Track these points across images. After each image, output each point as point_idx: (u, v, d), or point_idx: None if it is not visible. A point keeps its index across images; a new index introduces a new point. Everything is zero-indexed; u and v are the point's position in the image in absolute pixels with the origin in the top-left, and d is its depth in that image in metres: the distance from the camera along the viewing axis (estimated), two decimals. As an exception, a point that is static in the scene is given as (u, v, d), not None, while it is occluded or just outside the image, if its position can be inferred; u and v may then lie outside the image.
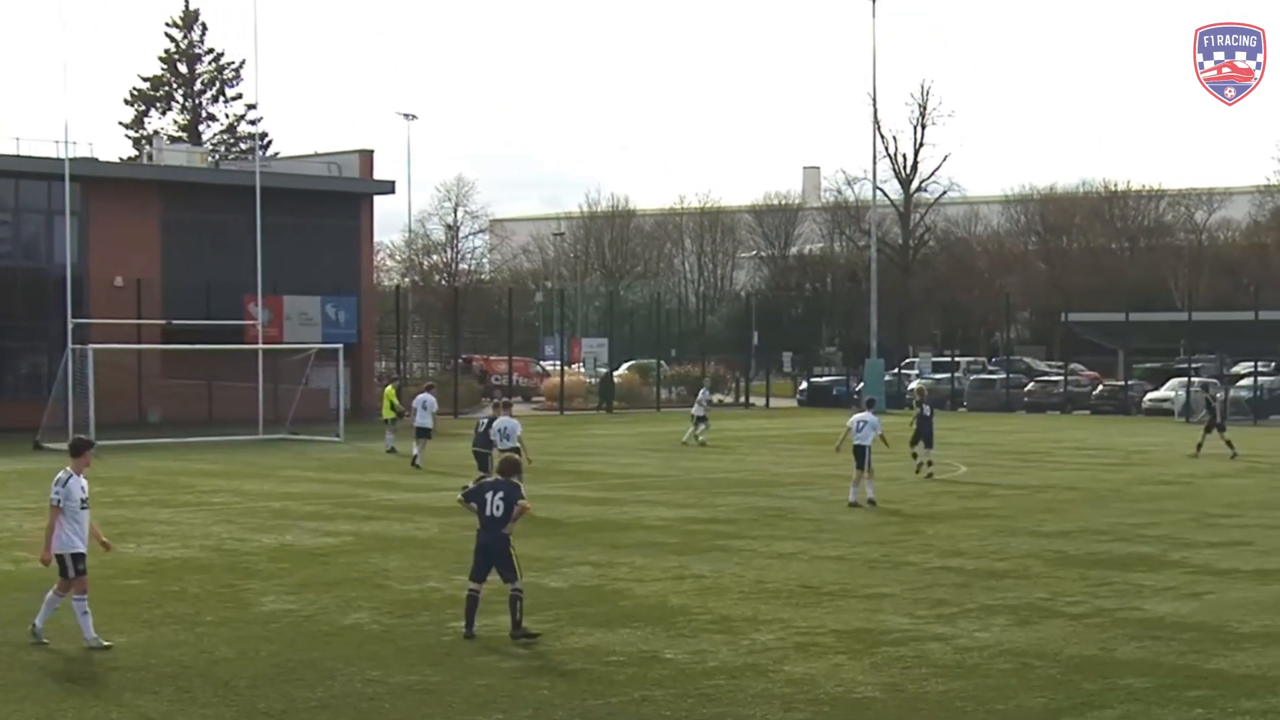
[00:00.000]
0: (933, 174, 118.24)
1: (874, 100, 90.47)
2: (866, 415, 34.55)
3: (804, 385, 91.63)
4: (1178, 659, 17.38)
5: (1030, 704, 15.31)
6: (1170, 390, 76.61)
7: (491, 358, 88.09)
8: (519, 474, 19.18)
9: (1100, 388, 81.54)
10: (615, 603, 20.95)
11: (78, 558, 17.76)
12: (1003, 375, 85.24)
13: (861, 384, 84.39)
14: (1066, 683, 16.21)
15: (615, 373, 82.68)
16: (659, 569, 23.91)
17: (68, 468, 17.98)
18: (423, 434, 43.94)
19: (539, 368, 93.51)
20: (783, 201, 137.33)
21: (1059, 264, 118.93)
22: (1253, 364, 78.10)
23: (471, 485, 19.90)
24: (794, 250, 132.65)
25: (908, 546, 26.66)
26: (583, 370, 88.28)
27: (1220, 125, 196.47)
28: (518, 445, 32.20)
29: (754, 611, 20.09)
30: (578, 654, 17.65)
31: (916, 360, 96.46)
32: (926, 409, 41.10)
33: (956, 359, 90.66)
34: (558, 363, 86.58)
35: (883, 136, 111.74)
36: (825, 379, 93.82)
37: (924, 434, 40.32)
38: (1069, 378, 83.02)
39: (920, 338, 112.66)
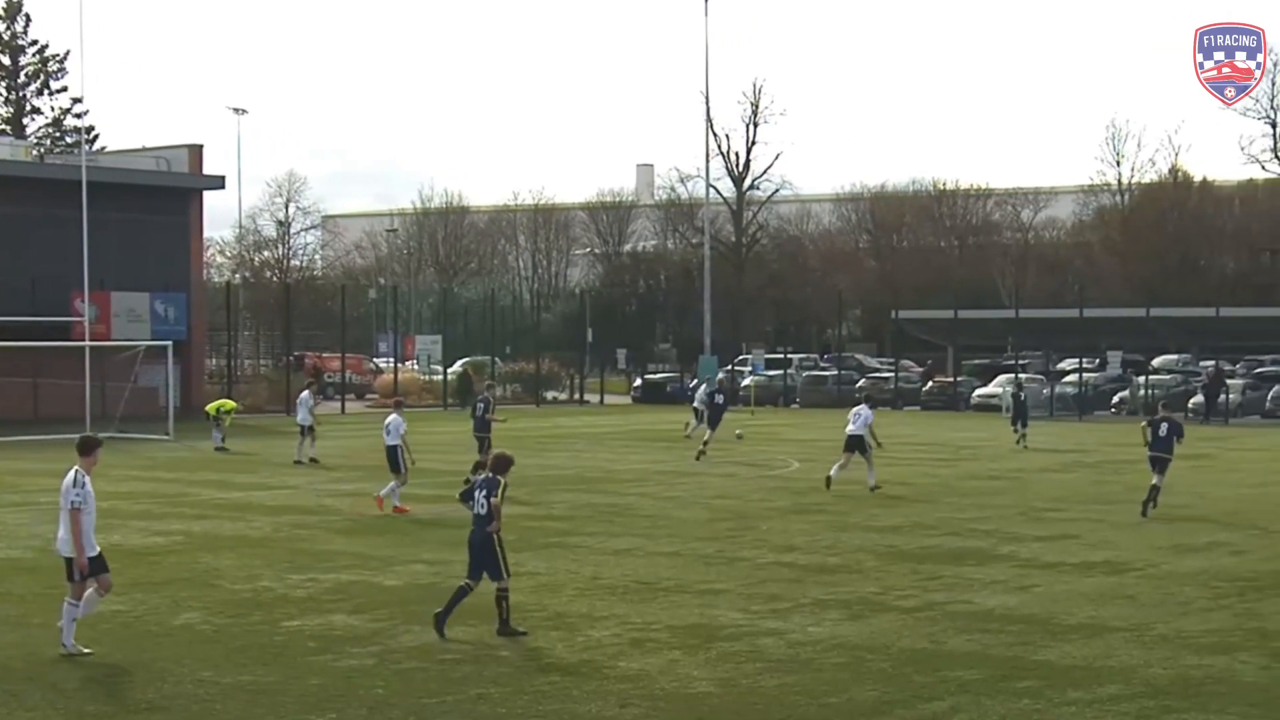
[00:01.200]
0: (765, 172, 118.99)
1: (706, 98, 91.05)
2: (861, 408, 37.02)
3: (638, 382, 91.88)
4: (1006, 651, 17.66)
5: (862, 697, 15.48)
6: (998, 387, 77.82)
7: (325, 355, 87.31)
8: (505, 471, 19.08)
9: (930, 384, 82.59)
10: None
11: (90, 561, 17.37)
12: (835, 372, 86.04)
13: (695, 380, 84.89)
14: (898, 676, 16.41)
15: (450, 370, 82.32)
16: (494, 566, 23.82)
17: (77, 468, 17.41)
18: (305, 431, 43.70)
19: (372, 365, 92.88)
20: (616, 199, 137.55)
21: (889, 262, 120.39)
22: (1078, 361, 79.57)
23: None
24: (628, 248, 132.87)
25: (742, 542, 26.84)
26: (416, 367, 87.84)
27: (1045, 125, 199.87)
28: (398, 442, 31.94)
29: (589, 608, 20.12)
30: (413, 652, 17.56)
31: (749, 357, 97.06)
32: (719, 397, 47.57)
33: (789, 356, 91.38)
34: (391, 360, 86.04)
35: (715, 134, 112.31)
36: (659, 376, 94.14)
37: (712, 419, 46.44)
38: (899, 374, 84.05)
39: (753, 335, 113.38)
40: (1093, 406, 73.58)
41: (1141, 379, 74.97)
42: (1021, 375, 74.67)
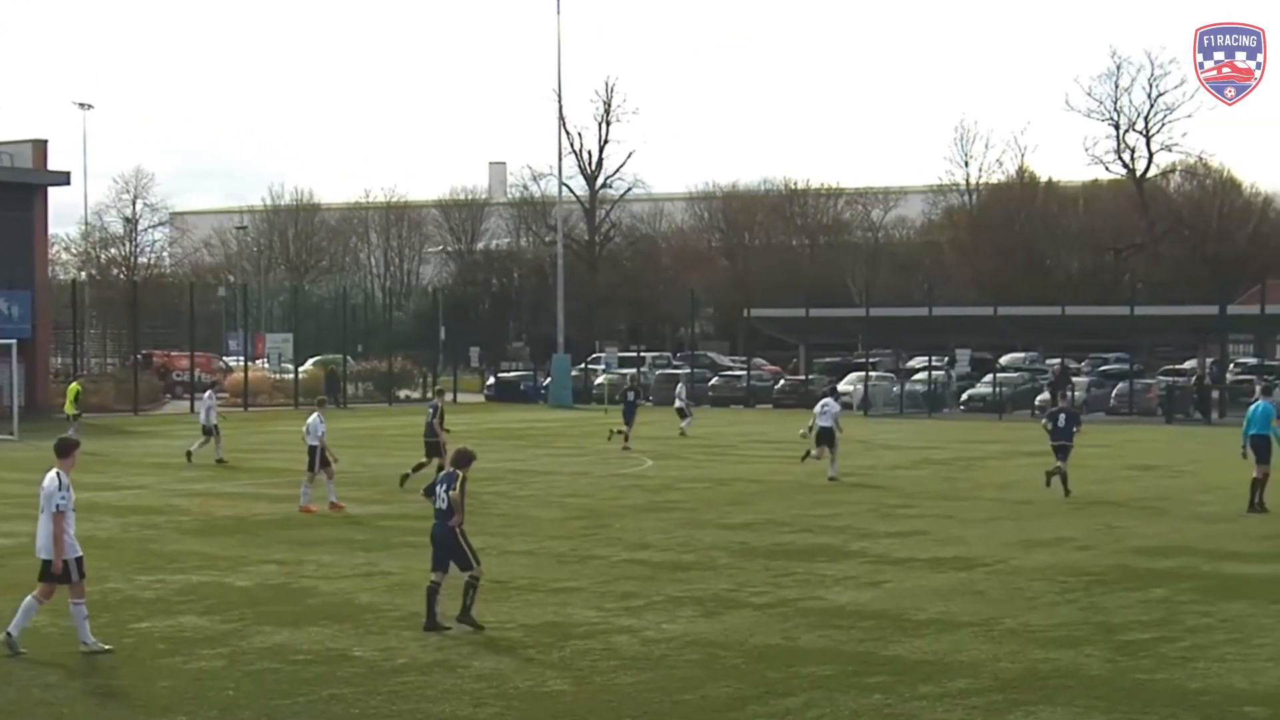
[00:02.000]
0: (618, 170, 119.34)
1: (559, 96, 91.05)
2: (829, 401, 39.17)
3: (492, 380, 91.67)
4: (858, 646, 17.82)
5: (716, 694, 15.55)
6: (849, 384, 78.46)
7: (173, 353, 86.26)
8: (466, 465, 19.19)
9: (782, 382, 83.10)
10: (302, 601, 20.71)
11: (80, 561, 17.44)
12: (688, 370, 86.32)
13: (549, 379, 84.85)
14: (751, 672, 16.50)
15: (301, 369, 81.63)
16: (347, 566, 23.72)
17: (57, 470, 17.30)
18: (207, 431, 43.30)
19: (222, 364, 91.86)
20: (469, 196, 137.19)
21: (742, 261, 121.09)
22: (927, 359, 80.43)
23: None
24: (481, 246, 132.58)
25: (596, 540, 26.87)
26: (267, 366, 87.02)
27: (896, 126, 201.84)
28: (317, 443, 31.89)
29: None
30: (264, 653, 17.40)
31: (603, 355, 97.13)
32: (631, 395, 50.26)
33: (642, 354, 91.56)
34: (241, 358, 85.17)
35: (568, 133, 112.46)
36: (513, 374, 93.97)
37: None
38: (752, 372, 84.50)
39: (607, 333, 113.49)
40: (941, 404, 74.43)
41: (990, 377, 75.98)
42: (872, 373, 75.51)
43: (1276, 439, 32.17)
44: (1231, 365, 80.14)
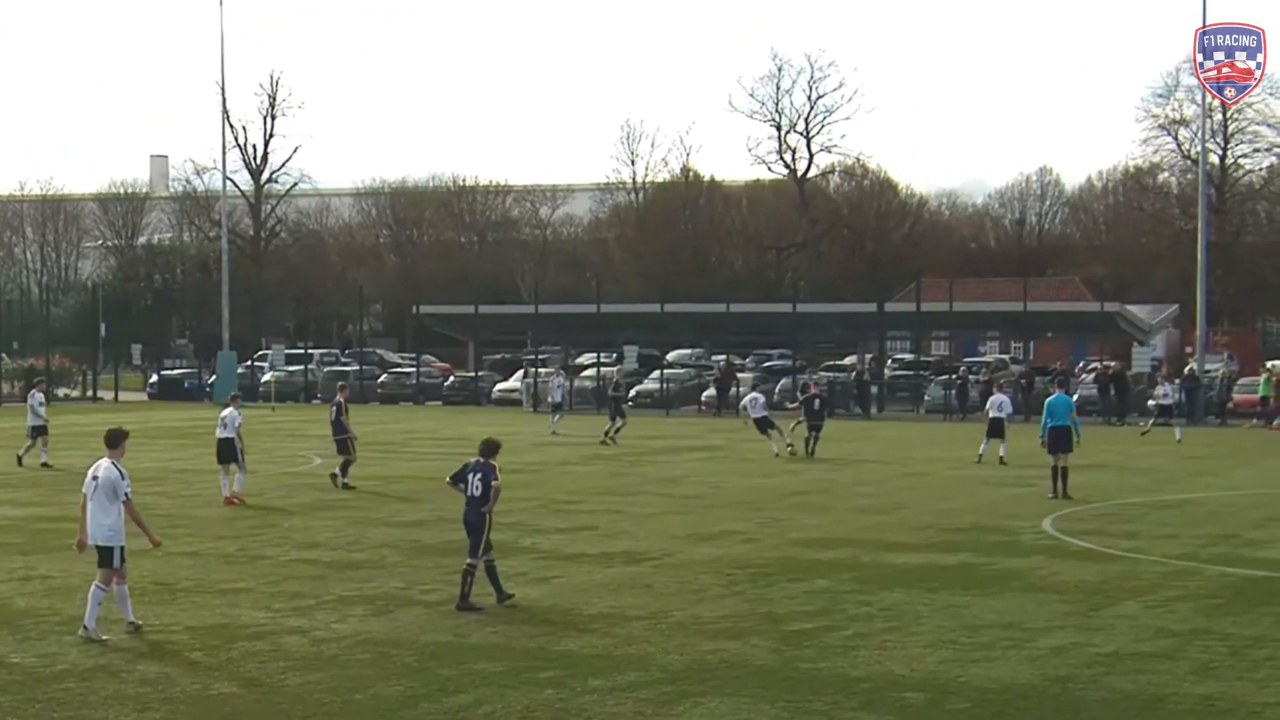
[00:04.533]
0: (284, 165, 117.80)
1: (223, 89, 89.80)
2: (756, 394, 47.82)
3: (155, 378, 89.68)
4: (529, 642, 17.90)
5: (388, 693, 15.47)
6: (518, 381, 78.76)
7: None
8: (495, 454, 20.37)
9: (452, 379, 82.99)
10: (-44, 607, 20.00)
11: (123, 549, 18.29)
12: (356, 367, 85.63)
13: (214, 376, 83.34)
14: (423, 670, 16.46)
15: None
16: (3, 570, 23.01)
17: (111, 459, 18.21)
18: (39, 431, 41.51)
19: None
20: (129, 190, 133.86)
21: (410, 257, 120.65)
22: (596, 355, 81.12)
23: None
24: (143, 240, 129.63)
25: (264, 540, 26.51)
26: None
27: (563, 125, 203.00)
28: (234, 435, 32.87)
29: (105, 611, 19.46)
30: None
31: (270, 353, 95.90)
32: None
33: (310, 351, 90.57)
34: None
35: (232, 126, 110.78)
36: (177, 372, 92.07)
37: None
38: (421, 369, 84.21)
39: (274, 330, 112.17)
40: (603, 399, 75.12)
41: (658, 372, 76.98)
42: (542, 369, 75.81)
43: (1075, 430, 33.81)
44: (890, 361, 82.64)
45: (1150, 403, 60.59)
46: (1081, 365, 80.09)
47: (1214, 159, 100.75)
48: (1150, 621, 19.25)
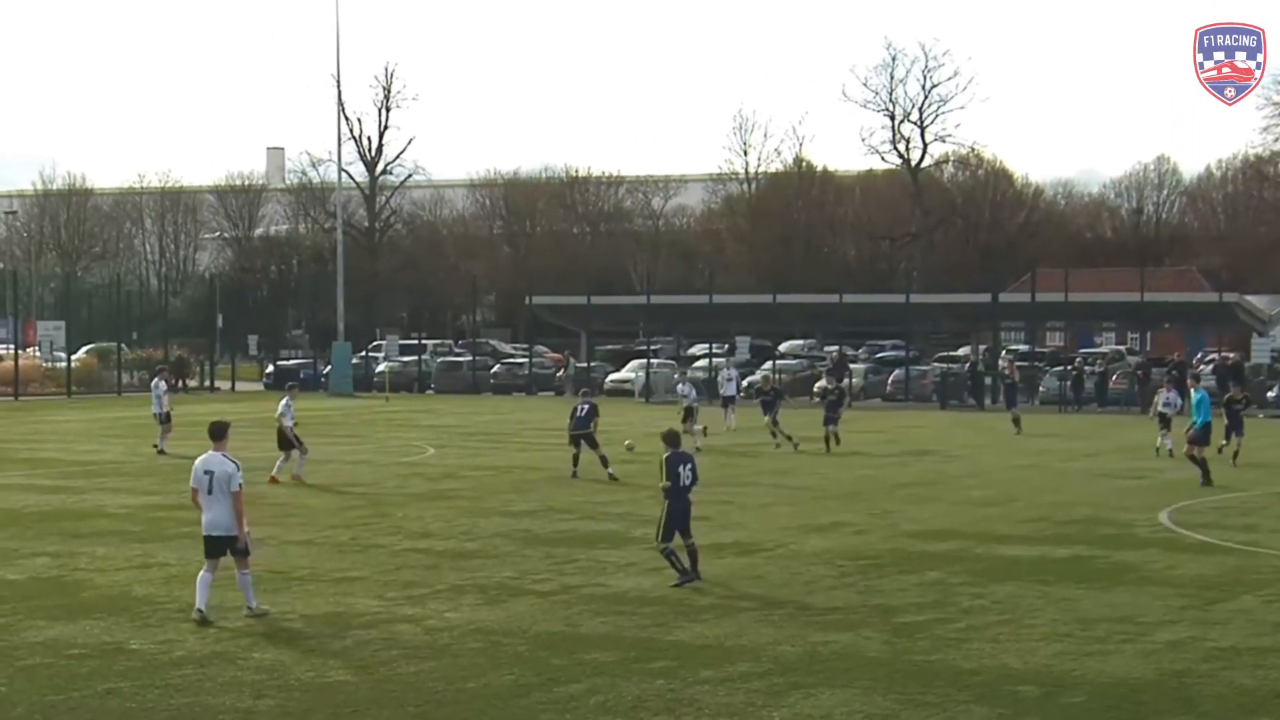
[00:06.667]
0: (398, 157, 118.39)
1: (338, 81, 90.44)
2: (730, 371, 54.93)
3: (271, 368, 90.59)
4: (640, 632, 17.91)
5: (499, 682, 15.53)
6: (631, 371, 78.83)
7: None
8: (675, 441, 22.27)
9: (563, 370, 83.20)
10: (76, 594, 20.28)
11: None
12: (469, 358, 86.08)
13: (329, 367, 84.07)
14: (534, 659, 16.50)
15: (74, 357, 79.96)
16: (122, 558, 23.28)
17: (219, 451, 18.60)
18: (163, 419, 42.56)
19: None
20: (246, 182, 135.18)
21: (523, 248, 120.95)
22: (708, 346, 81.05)
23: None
24: (259, 232, 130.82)
25: (377, 529, 26.69)
26: (38, 354, 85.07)
27: (676, 115, 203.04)
28: (289, 423, 35.17)
29: (221, 599, 19.71)
30: (36, 648, 17.00)
31: (384, 343, 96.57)
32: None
33: (424, 342, 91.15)
34: (11, 346, 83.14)
35: (347, 118, 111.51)
36: (292, 362, 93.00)
37: None
38: (534, 359, 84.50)
39: (388, 320, 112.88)
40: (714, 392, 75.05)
41: (771, 364, 76.81)
42: (654, 360, 75.86)
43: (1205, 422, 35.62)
44: (1004, 352, 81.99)
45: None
46: (1199, 357, 79.13)
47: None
48: (1268, 616, 19.00)
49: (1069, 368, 71.05)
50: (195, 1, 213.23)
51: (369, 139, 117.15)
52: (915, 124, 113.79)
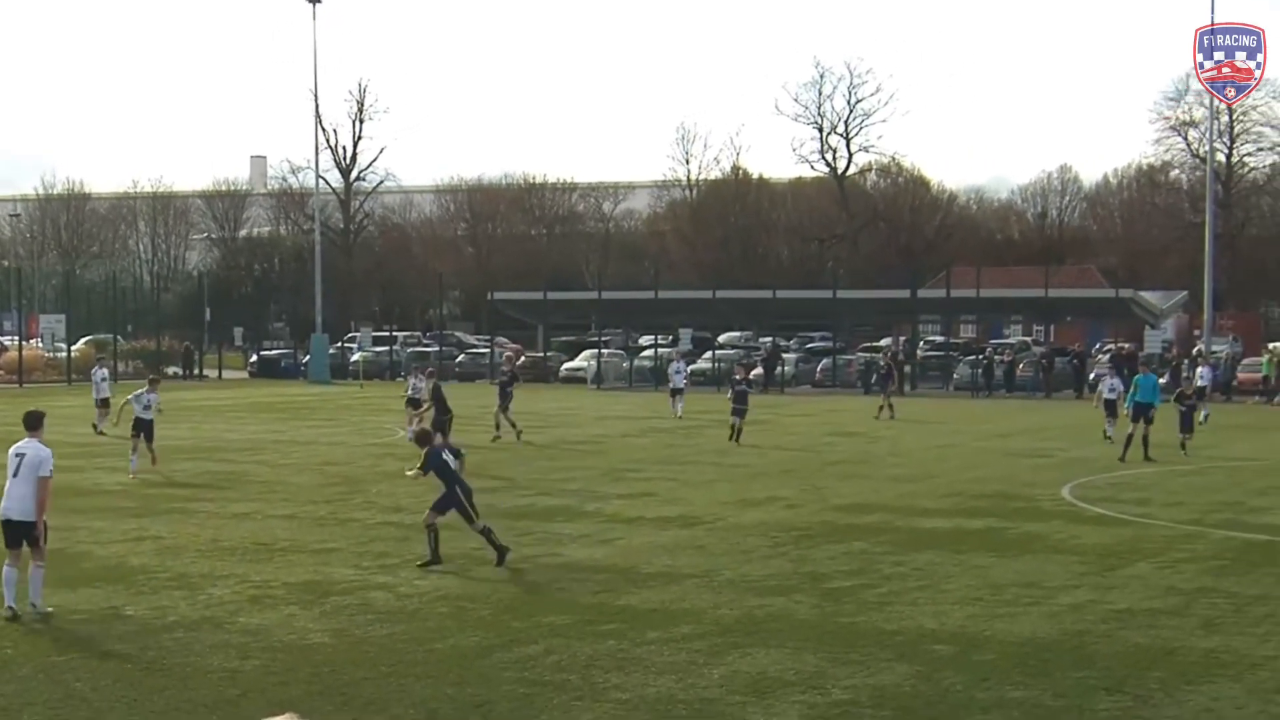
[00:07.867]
0: (370, 165, 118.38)
1: (315, 96, 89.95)
2: (679, 364, 52.50)
3: (254, 358, 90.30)
4: (592, 598, 17.92)
5: (465, 643, 15.53)
6: (584, 360, 78.86)
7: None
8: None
9: (523, 359, 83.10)
10: (77, 565, 20.14)
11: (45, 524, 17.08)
12: (437, 348, 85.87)
13: (308, 356, 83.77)
14: (497, 622, 16.50)
15: (74, 347, 79.44)
16: (118, 531, 23.16)
17: (36, 440, 17.21)
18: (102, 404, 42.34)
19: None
20: (232, 188, 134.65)
21: (485, 248, 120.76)
22: (654, 337, 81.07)
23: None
24: (243, 233, 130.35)
25: (353, 505, 26.62)
26: (41, 345, 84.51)
27: (624, 126, 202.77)
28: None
29: (210, 568, 19.69)
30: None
31: (358, 335, 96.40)
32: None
33: (395, 333, 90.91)
34: (16, 338, 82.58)
35: (324, 130, 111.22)
36: (274, 352, 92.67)
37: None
38: (495, 350, 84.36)
39: (362, 314, 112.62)
40: (665, 378, 75.09)
41: (711, 353, 76.90)
42: (604, 350, 75.82)
43: (1155, 403, 36.27)
44: (921, 343, 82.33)
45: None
46: (1098, 347, 79.59)
47: (1221, 158, 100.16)
48: (1160, 581, 19.14)
49: (980, 357, 71.40)
50: (186, 20, 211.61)
51: (344, 148, 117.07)
52: (841, 135, 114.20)
